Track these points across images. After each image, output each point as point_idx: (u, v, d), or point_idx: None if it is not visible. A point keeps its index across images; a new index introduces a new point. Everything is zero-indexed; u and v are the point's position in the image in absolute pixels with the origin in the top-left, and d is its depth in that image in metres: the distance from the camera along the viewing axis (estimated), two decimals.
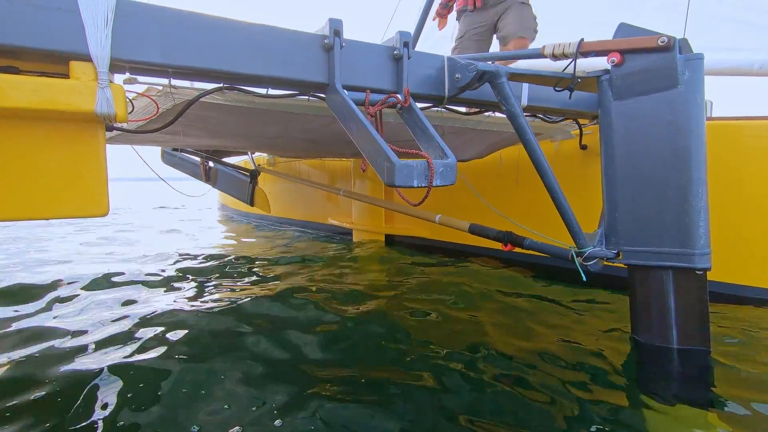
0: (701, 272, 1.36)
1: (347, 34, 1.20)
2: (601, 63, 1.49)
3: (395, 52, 1.27)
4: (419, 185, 1.05)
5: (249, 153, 3.96)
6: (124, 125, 1.48)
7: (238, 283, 2.29)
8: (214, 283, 2.32)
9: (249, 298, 1.91)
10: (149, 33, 0.96)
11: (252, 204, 3.76)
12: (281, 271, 2.59)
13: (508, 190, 2.61)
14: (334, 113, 1.20)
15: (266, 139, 2.40)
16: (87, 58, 0.90)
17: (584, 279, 1.43)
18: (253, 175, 3.70)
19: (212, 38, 1.03)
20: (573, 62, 1.44)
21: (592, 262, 1.44)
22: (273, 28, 1.12)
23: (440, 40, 3.86)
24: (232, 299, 1.90)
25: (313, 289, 2.12)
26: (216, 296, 2.04)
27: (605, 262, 1.48)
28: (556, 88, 1.52)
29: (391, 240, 3.55)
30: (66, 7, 0.87)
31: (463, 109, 1.74)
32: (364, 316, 1.75)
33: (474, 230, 1.83)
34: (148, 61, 0.97)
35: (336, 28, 1.15)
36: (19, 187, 0.92)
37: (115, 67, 0.97)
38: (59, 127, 0.94)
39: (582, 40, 1.43)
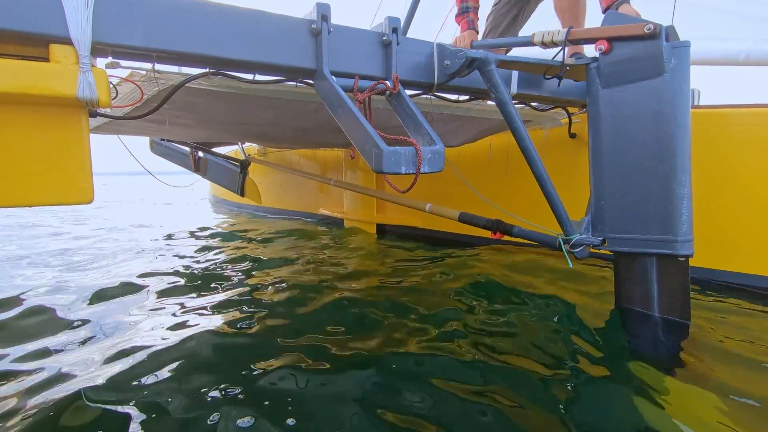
0: (683, 259, 1.39)
1: (342, 22, 1.19)
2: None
3: (384, 38, 1.26)
4: (407, 172, 1.05)
5: (239, 143, 3.92)
6: (108, 111, 1.45)
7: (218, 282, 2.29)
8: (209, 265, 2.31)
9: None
10: (132, 15, 0.94)
11: (242, 194, 3.73)
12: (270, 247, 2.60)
13: (498, 178, 2.63)
14: (323, 100, 1.19)
15: (255, 127, 2.37)
16: (67, 40, 0.88)
17: (570, 265, 1.45)
18: (244, 165, 3.67)
19: (197, 21, 1.02)
20: (562, 50, 1.44)
21: (578, 249, 1.47)
22: (260, 13, 1.10)
23: (429, 34, 3.84)
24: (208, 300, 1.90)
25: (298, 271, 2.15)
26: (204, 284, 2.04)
27: (591, 249, 1.51)
28: (546, 76, 1.53)
29: (382, 229, 3.56)
30: None
31: (453, 97, 1.74)
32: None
33: (464, 219, 1.84)
34: (130, 44, 0.95)
35: (323, 12, 1.13)
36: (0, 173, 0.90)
37: (97, 50, 0.95)
38: (40, 112, 0.92)
39: (571, 28, 1.43)
